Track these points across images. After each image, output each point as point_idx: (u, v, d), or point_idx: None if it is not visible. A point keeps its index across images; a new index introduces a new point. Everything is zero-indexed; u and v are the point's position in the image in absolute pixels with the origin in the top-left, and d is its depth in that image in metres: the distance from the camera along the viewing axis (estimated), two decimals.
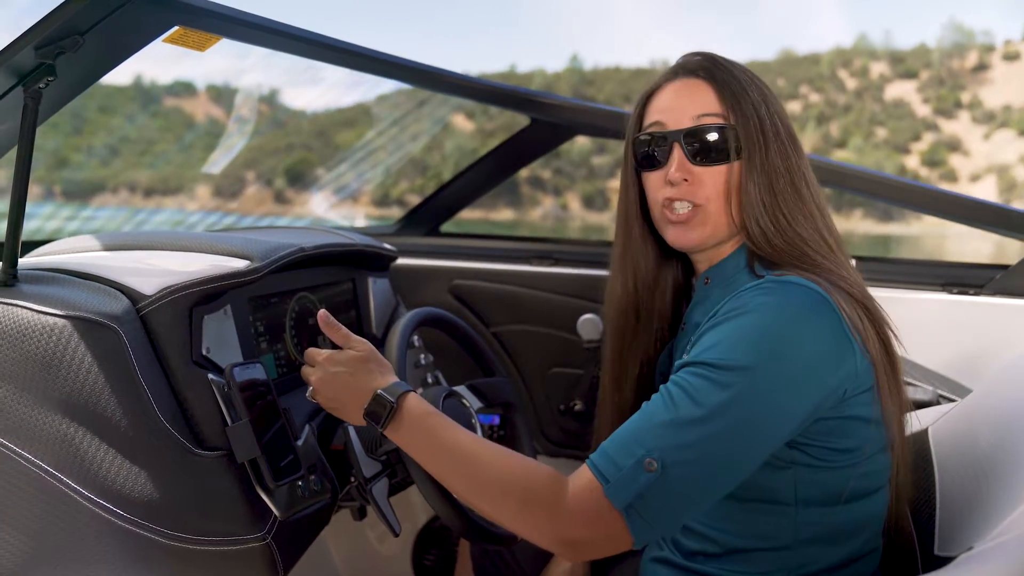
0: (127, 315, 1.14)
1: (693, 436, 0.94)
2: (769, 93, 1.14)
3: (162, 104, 29.28)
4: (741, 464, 0.96)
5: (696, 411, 0.95)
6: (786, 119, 1.14)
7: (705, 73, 1.13)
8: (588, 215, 39.56)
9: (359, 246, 1.70)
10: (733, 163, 1.10)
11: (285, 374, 1.47)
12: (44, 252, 1.39)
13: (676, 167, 1.11)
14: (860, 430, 1.04)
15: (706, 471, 0.94)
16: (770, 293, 0.99)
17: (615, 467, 0.95)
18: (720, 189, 1.10)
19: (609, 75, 52.16)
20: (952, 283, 1.79)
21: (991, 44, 55.20)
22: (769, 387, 0.95)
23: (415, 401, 1.10)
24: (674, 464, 0.93)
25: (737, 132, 1.09)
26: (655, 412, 0.97)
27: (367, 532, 2.25)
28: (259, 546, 1.14)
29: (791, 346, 0.96)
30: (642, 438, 0.96)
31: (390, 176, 3.83)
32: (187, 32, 1.26)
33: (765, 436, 0.96)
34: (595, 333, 2.02)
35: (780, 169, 1.09)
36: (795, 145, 1.12)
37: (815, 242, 1.08)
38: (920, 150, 46.48)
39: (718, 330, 0.99)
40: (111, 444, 1.09)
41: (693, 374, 0.98)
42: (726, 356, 0.96)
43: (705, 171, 1.10)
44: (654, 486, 0.93)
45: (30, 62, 1.11)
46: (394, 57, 1.69)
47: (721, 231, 1.12)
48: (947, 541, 1.12)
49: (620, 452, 0.96)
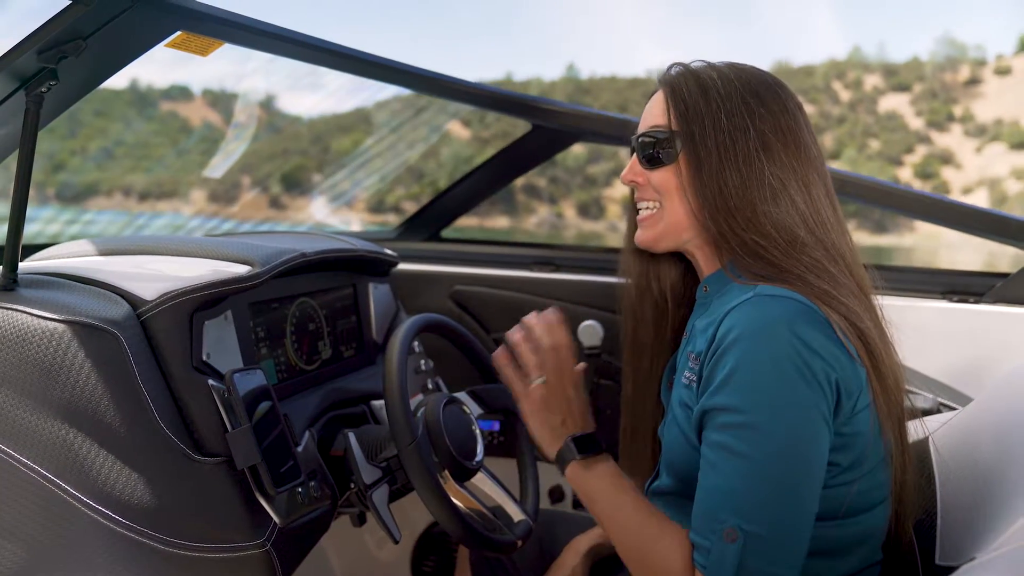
0: (127, 320, 1.14)
1: (750, 487, 0.96)
2: (752, 99, 1.12)
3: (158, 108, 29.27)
4: (809, 486, 0.98)
5: (740, 464, 0.97)
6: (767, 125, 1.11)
7: (666, 83, 1.17)
8: (583, 223, 39.64)
9: (360, 251, 1.70)
10: (675, 166, 1.14)
11: (285, 380, 1.47)
12: (45, 256, 1.39)
13: (627, 169, 1.20)
14: (861, 445, 1.04)
15: (783, 511, 0.96)
16: (755, 313, 1.00)
17: (705, 552, 0.99)
18: (666, 190, 1.15)
19: (605, 84, 52.23)
20: (952, 291, 1.78)
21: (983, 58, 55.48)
22: (789, 405, 0.97)
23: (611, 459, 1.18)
24: (751, 522, 0.96)
25: (678, 139, 1.13)
26: (709, 484, 1.01)
27: (366, 538, 2.24)
28: (258, 553, 1.14)
29: (788, 359, 0.97)
30: (712, 512, 0.99)
31: (386, 183, 3.83)
32: (189, 37, 1.26)
33: (813, 451, 0.98)
34: (596, 340, 2.02)
35: (725, 174, 1.09)
36: (767, 150, 1.10)
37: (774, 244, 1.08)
38: (913, 162, 46.65)
39: (720, 365, 1.01)
40: (110, 450, 1.09)
41: (719, 428, 1.00)
42: (737, 396, 0.98)
43: (652, 174, 1.16)
44: (746, 552, 0.95)
45: (32, 66, 1.11)
46: (396, 63, 1.70)
47: (677, 232, 1.16)
48: (949, 551, 1.12)
49: (702, 534, 1.00)
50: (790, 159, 1.11)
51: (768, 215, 1.08)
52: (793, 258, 1.07)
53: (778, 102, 1.13)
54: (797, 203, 1.10)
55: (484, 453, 1.37)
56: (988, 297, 1.74)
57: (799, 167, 1.12)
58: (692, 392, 1.09)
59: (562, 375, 1.21)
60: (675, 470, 1.14)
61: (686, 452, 1.09)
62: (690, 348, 1.14)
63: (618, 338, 1.95)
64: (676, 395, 1.14)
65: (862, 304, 1.08)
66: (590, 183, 40.98)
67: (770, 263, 1.07)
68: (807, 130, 1.15)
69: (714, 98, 1.12)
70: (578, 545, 1.42)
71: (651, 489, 1.24)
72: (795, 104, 1.15)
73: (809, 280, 1.05)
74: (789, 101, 1.14)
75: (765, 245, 1.08)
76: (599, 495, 1.14)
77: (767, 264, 1.07)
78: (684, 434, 1.10)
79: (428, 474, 1.21)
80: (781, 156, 1.11)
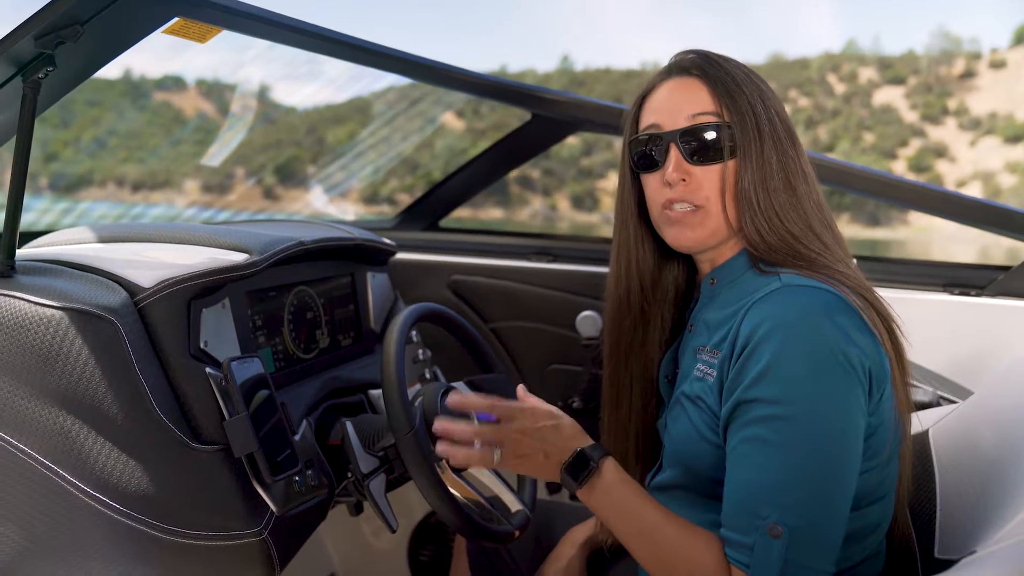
0: (125, 308, 1.13)
1: (792, 480, 0.95)
2: (766, 89, 1.13)
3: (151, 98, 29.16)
4: (848, 477, 0.98)
5: (779, 456, 0.96)
6: (783, 114, 1.13)
7: (699, 71, 1.12)
8: (577, 215, 39.65)
9: (358, 240, 1.69)
10: (729, 161, 1.09)
11: (283, 368, 1.47)
12: (42, 243, 1.38)
13: (673, 167, 1.10)
14: (882, 435, 1.04)
15: (824, 504, 0.95)
16: (788, 303, 0.99)
17: (747, 549, 0.96)
18: (718, 188, 1.09)
19: (600, 76, 52.13)
20: (954, 284, 1.78)
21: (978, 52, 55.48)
22: (829, 396, 0.96)
23: (612, 466, 1.09)
24: (793, 516, 0.95)
25: (733, 130, 1.08)
26: (746, 478, 0.99)
27: (363, 527, 2.25)
28: (255, 541, 1.14)
29: (830, 349, 0.96)
30: (752, 508, 0.97)
31: (380, 174, 3.83)
32: (188, 23, 1.25)
33: (851, 441, 0.98)
34: (594, 330, 2.01)
35: (775, 166, 1.09)
36: (792, 141, 1.12)
37: (808, 239, 1.08)
38: (907, 156, 46.69)
39: (755, 358, 0.98)
40: (108, 437, 1.08)
41: (755, 421, 0.98)
42: (776, 388, 0.96)
43: (703, 171, 1.10)
44: (792, 546, 0.94)
45: (29, 52, 1.11)
46: (395, 51, 1.68)
47: (721, 231, 1.11)
48: (948, 544, 1.12)
49: (743, 532, 0.97)
50: (799, 148, 1.13)
51: (797, 205, 1.08)
52: (823, 252, 1.07)
53: (774, 92, 1.15)
54: (810, 192, 1.11)
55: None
56: (989, 290, 1.74)
57: (803, 156, 1.13)
58: (707, 385, 1.07)
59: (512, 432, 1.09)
60: (683, 463, 1.13)
61: (697, 445, 1.09)
62: (700, 342, 1.13)
63: None
64: (686, 389, 1.13)
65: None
66: (584, 175, 40.95)
67: (801, 256, 1.06)
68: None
69: (750, 87, 1.11)
70: (575, 536, 1.41)
71: (653, 483, 1.23)
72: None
73: (839, 270, 1.05)
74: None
75: (803, 240, 1.07)
76: (611, 511, 1.07)
77: (797, 257, 1.06)
78: (695, 427, 1.09)
79: (425, 464, 1.20)
80: (798, 146, 1.12)
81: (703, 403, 1.08)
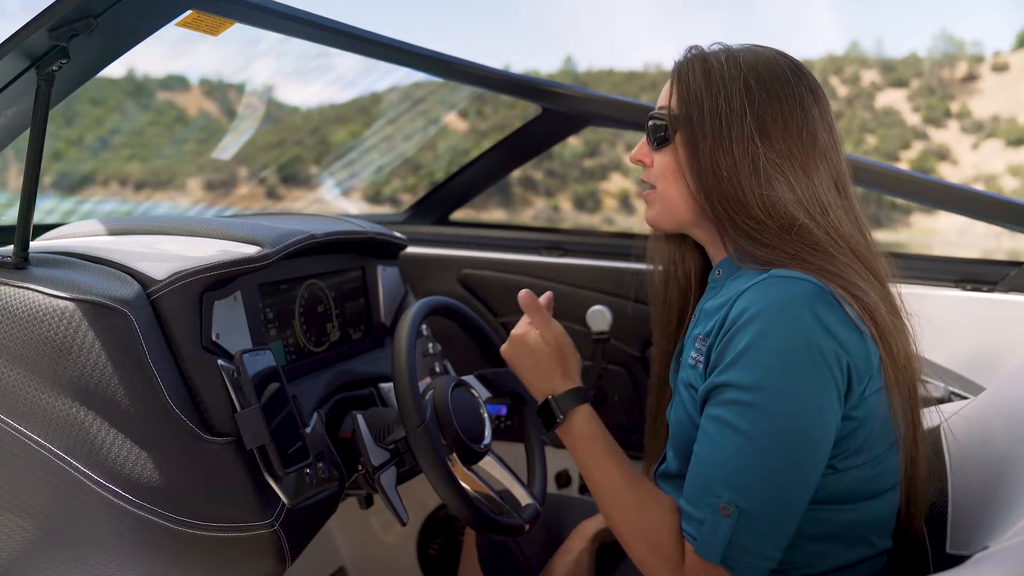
0: (137, 300, 1.14)
1: (748, 465, 0.97)
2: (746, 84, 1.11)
3: (155, 98, 29.24)
4: (808, 471, 0.99)
5: (741, 440, 0.97)
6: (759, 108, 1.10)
7: (674, 67, 1.18)
8: (579, 216, 39.70)
9: (369, 234, 1.69)
10: (674, 147, 1.15)
11: (294, 361, 1.47)
12: (55, 236, 1.38)
13: (636, 149, 1.23)
14: (869, 429, 1.04)
15: (778, 493, 0.97)
16: (772, 293, 1.00)
17: (698, 524, 0.99)
18: (664, 171, 1.16)
19: (603, 77, 52.15)
20: (966, 279, 1.77)
21: (981, 55, 55.25)
22: (799, 388, 0.97)
23: (582, 420, 1.19)
24: (745, 499, 0.96)
25: (677, 121, 1.14)
26: (707, 456, 1.01)
27: (372, 520, 2.25)
28: (267, 533, 1.14)
29: (805, 342, 0.97)
30: (708, 486, 0.99)
31: (383, 174, 3.83)
32: (200, 16, 1.25)
33: (817, 436, 0.98)
34: (604, 324, 2.01)
35: (720, 157, 1.09)
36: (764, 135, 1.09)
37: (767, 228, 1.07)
38: (909, 158, 46.61)
39: (734, 343, 1.00)
40: (120, 429, 1.09)
41: (724, 403, 1.00)
42: (748, 374, 0.98)
43: (656, 155, 1.19)
44: (739, 528, 0.96)
45: (43, 44, 1.11)
46: (407, 44, 1.68)
47: (674, 213, 1.17)
48: (960, 539, 1.12)
49: (695, 505, 1.00)
50: (789, 144, 1.10)
51: (761, 198, 1.08)
52: (788, 241, 1.06)
53: (785, 88, 1.11)
54: (794, 188, 1.09)
55: (492, 437, 1.37)
56: (1002, 286, 1.73)
57: (799, 153, 1.10)
58: (698, 373, 1.08)
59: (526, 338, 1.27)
60: (681, 451, 1.14)
61: (691, 433, 1.09)
62: (698, 330, 1.14)
63: (626, 323, 1.94)
64: (683, 376, 1.14)
65: (876, 291, 1.07)
66: (586, 176, 41.02)
67: (765, 245, 1.07)
68: (819, 117, 1.12)
69: (715, 81, 1.12)
70: (585, 530, 1.42)
71: (659, 472, 1.24)
72: (807, 90, 1.12)
73: (809, 260, 1.04)
74: (800, 86, 1.12)
75: (757, 228, 1.08)
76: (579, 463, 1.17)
77: (763, 247, 1.07)
78: (689, 415, 1.10)
79: (436, 457, 1.21)
80: (779, 141, 1.10)
81: (693, 390, 1.10)
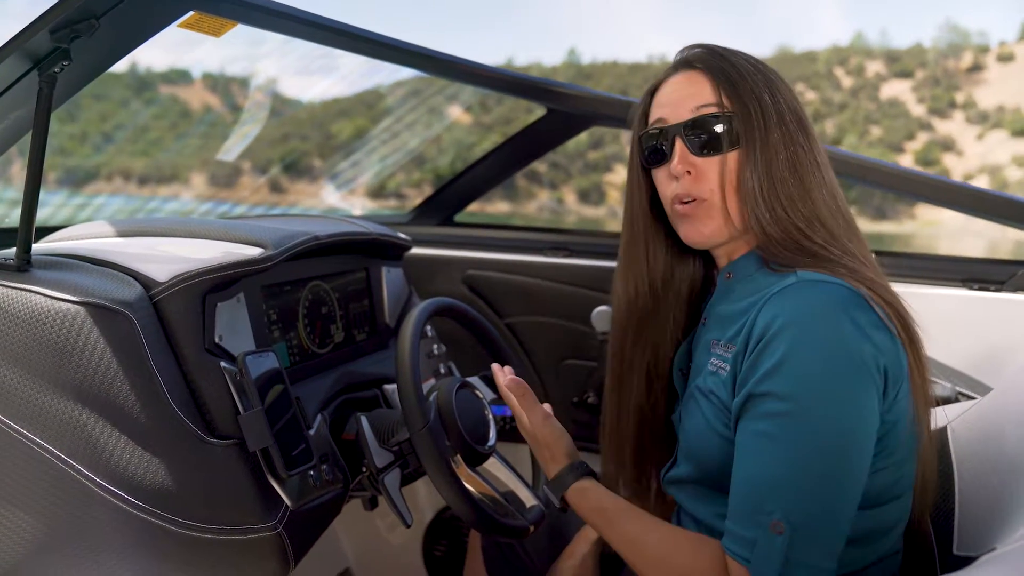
0: (140, 302, 1.14)
1: (797, 477, 0.94)
2: (776, 79, 1.12)
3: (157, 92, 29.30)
4: (855, 478, 0.96)
5: (786, 453, 0.95)
6: (794, 104, 1.11)
7: (703, 64, 1.12)
8: (584, 209, 39.76)
9: (373, 235, 1.69)
10: (732, 152, 1.08)
11: (297, 363, 1.47)
12: (57, 238, 1.38)
13: (678, 160, 1.11)
14: (897, 433, 1.03)
15: (829, 503, 0.94)
16: (804, 298, 0.98)
17: (748, 544, 0.96)
18: (719, 180, 1.09)
19: (607, 70, 52.17)
20: (973, 279, 1.76)
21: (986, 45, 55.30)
22: (841, 395, 0.95)
23: (577, 497, 1.17)
24: (798, 513, 0.94)
25: (735, 120, 1.08)
26: (752, 473, 0.98)
27: (377, 522, 2.25)
28: (270, 535, 1.14)
29: (844, 347, 0.95)
30: (757, 504, 0.96)
31: (387, 168, 3.83)
32: (202, 17, 1.25)
33: (862, 442, 0.96)
34: (609, 325, 2.00)
35: (781, 156, 1.07)
36: (805, 131, 1.10)
37: (814, 229, 1.06)
38: (914, 149, 46.57)
39: (768, 352, 0.97)
40: (123, 431, 1.09)
41: (764, 416, 0.97)
42: (788, 383, 0.95)
43: (707, 162, 1.10)
44: (793, 544, 0.93)
45: (45, 46, 1.11)
46: (411, 45, 1.68)
47: (731, 224, 1.10)
48: (967, 541, 1.11)
49: (746, 526, 0.96)
50: (812, 139, 1.11)
51: (805, 196, 1.07)
52: (830, 244, 1.06)
53: (786, 83, 1.13)
54: (823, 185, 1.09)
55: (496, 438, 1.36)
56: (1009, 285, 1.72)
57: (818, 147, 1.11)
58: (720, 380, 1.07)
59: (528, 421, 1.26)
60: (697, 458, 1.13)
61: (710, 440, 1.08)
62: (713, 336, 1.13)
63: None
64: (700, 383, 1.12)
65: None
66: (591, 169, 41.04)
67: (805, 250, 1.05)
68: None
69: (755, 76, 1.10)
70: (589, 532, 1.41)
71: (668, 477, 1.23)
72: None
73: (849, 266, 1.03)
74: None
75: (808, 232, 1.06)
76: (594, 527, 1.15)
77: (801, 251, 1.05)
78: (709, 422, 1.08)
79: (440, 458, 1.20)
80: (811, 135, 1.11)
81: (716, 397, 1.07)
